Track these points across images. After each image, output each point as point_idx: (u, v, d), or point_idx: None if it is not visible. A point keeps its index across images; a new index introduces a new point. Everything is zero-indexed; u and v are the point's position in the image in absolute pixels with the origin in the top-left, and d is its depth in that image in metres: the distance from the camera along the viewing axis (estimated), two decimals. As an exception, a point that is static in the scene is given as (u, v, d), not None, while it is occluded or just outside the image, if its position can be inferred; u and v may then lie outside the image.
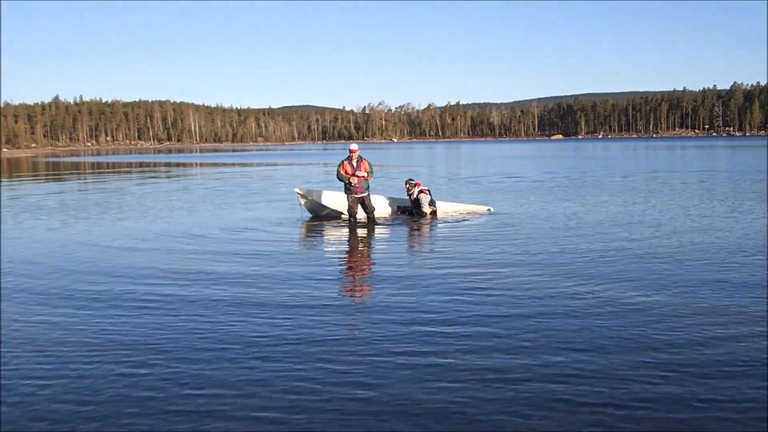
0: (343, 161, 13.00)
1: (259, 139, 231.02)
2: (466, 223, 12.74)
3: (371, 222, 12.79)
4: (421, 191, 13.96)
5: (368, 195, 13.07)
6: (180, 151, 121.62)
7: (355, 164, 12.88)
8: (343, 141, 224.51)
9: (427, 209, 13.77)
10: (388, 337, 5.67)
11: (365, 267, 8.86)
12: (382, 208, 14.49)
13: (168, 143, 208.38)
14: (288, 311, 6.52)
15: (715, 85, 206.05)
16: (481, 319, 6.13)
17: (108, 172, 40.02)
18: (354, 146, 13.19)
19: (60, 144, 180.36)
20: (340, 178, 12.91)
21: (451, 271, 8.21)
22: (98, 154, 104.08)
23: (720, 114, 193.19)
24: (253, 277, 8.10)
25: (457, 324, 5.99)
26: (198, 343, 5.59)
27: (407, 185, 14.11)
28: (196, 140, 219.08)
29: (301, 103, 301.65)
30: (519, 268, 8.34)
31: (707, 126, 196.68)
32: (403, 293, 7.12)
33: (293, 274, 8.27)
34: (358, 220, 13.08)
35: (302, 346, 5.45)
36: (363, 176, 12.83)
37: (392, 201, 14.82)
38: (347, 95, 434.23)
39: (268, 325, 6.07)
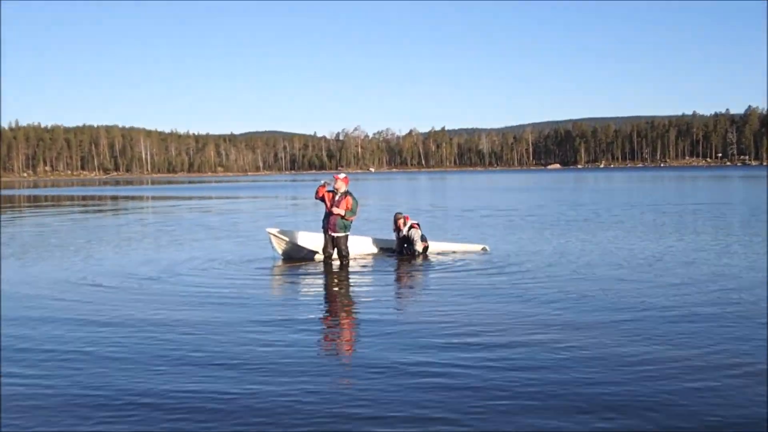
0: (328, 191, 13.15)
1: (219, 169, 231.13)
2: (459, 264, 12.85)
3: (343, 268, 12.58)
4: (411, 226, 14.14)
5: (344, 237, 13.06)
6: (129, 182, 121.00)
7: (337, 197, 12.94)
8: (314, 171, 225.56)
9: (419, 246, 13.96)
10: (373, 400, 5.61)
11: (345, 318, 8.74)
12: (366, 249, 14.61)
13: (115, 174, 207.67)
14: (258, 373, 6.34)
15: (728, 109, 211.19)
16: (476, 380, 6.11)
17: (46, 206, 39.62)
18: (341, 175, 13.29)
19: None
20: (316, 192, 13.26)
21: (444, 322, 8.17)
22: (35, 186, 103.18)
23: (734, 141, 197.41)
24: (214, 325, 8.06)
25: (454, 389, 5.91)
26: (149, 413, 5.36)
27: (397, 220, 14.21)
28: (148, 170, 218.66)
29: (267, 129, 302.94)
30: (521, 319, 8.31)
31: (720, 154, 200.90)
32: (389, 348, 7.02)
33: (265, 324, 8.18)
34: (333, 260, 13.13)
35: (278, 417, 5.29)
36: (339, 214, 12.85)
37: (377, 242, 14.94)
38: (318, 120, 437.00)
39: (234, 383, 6.00)
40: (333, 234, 12.94)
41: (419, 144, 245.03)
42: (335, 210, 12.78)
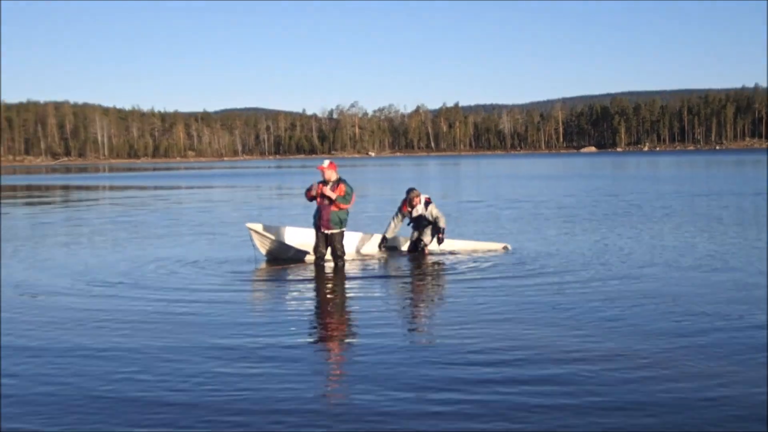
0: (317, 181, 13.12)
1: (190, 153, 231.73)
2: (478, 267, 12.89)
3: (338, 272, 12.63)
4: (427, 201, 14.34)
5: (340, 234, 13.05)
6: (83, 169, 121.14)
7: (329, 187, 12.92)
8: (303, 155, 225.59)
9: (443, 221, 14.30)
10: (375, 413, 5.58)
11: (339, 341, 8.43)
12: (366, 248, 14.72)
13: (66, 159, 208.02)
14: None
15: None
16: (493, 402, 6.06)
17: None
18: (325, 163, 13.15)
19: None
20: (306, 191, 13.26)
21: (464, 343, 8.07)
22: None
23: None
24: (169, 352, 7.96)
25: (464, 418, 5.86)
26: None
27: (415, 197, 14.20)
28: (104, 155, 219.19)
29: (247, 106, 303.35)
30: (550, 327, 8.36)
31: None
32: (399, 386, 6.59)
33: (234, 353, 7.96)
34: (326, 261, 13.14)
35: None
36: (331, 196, 12.80)
37: (379, 240, 15.03)
38: (308, 95, 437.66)
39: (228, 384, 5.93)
40: (327, 231, 12.89)
41: (428, 123, 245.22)
42: (327, 191, 12.74)
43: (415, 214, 14.30)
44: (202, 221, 22.70)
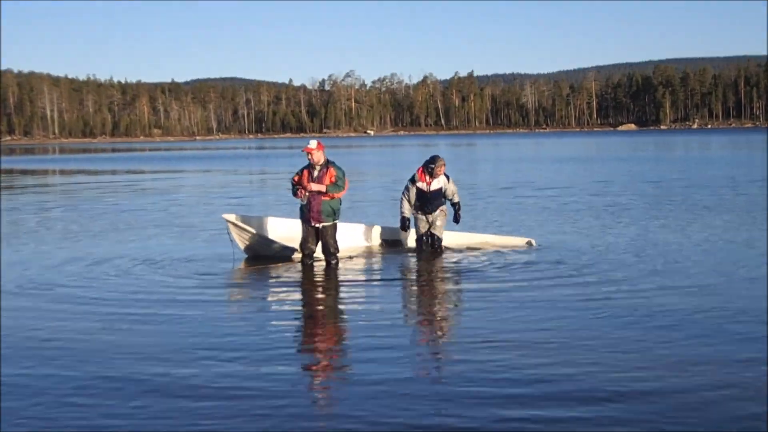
0: (303, 167, 13.01)
1: (156, 131, 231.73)
2: (498, 266, 12.87)
3: (330, 273, 12.70)
4: (447, 177, 14.32)
5: (333, 226, 13.02)
6: (29, 150, 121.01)
7: (316, 173, 12.85)
8: (289, 134, 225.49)
9: (457, 197, 14.37)
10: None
11: (331, 362, 8.20)
12: (364, 243, 14.78)
13: (9, 139, 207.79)
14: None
15: None
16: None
17: None
18: (312, 144, 13.02)
19: None
20: (292, 191, 13.04)
21: (475, 360, 7.97)
22: None
23: None
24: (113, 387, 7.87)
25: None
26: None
27: (438, 168, 14.08)
28: (54, 133, 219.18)
29: (223, 75, 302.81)
30: (589, 352, 8.01)
31: None
32: (404, 411, 6.49)
33: (212, 372, 8.00)
34: (316, 260, 13.10)
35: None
36: (320, 190, 12.76)
37: (380, 232, 15.12)
38: (296, 62, 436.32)
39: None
40: (317, 224, 12.84)
41: (437, 96, 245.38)
42: (314, 186, 12.68)
43: (433, 187, 14.14)
44: (169, 212, 22.68)
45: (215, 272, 12.83)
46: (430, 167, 14.09)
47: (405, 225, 14.39)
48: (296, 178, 12.98)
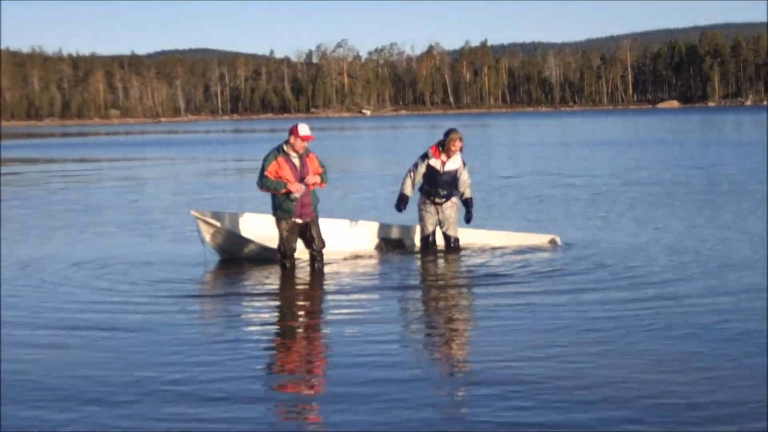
0: (275, 156, 12.65)
1: (113, 112, 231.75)
2: (518, 269, 12.85)
3: (315, 262, 12.97)
4: (463, 162, 14.18)
5: (316, 218, 13.03)
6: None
7: (297, 162, 12.72)
8: (270, 114, 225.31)
9: (468, 190, 14.16)
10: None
11: (317, 382, 8.08)
12: (357, 243, 14.64)
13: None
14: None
15: None
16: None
17: None
18: (305, 129, 12.68)
19: None
20: (266, 185, 12.66)
21: (482, 368, 7.96)
22: None
23: None
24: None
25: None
26: None
27: (453, 142, 13.88)
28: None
29: (193, 46, 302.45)
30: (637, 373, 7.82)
31: None
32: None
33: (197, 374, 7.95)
34: (297, 263, 13.01)
35: None
36: (315, 183, 12.74)
37: (375, 231, 14.96)
38: (278, 31, 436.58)
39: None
40: (306, 219, 12.80)
41: (445, 69, 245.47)
42: (309, 180, 12.60)
43: (448, 167, 13.97)
44: (128, 207, 22.66)
45: (178, 278, 12.67)
46: (443, 142, 13.92)
47: (401, 203, 14.22)
48: (276, 172, 12.67)
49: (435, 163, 13.90)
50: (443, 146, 13.91)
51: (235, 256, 13.76)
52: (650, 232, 15.94)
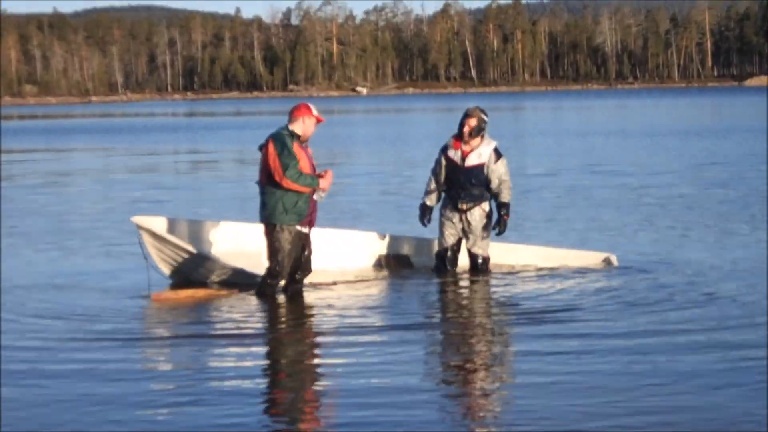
0: (291, 140, 12.52)
1: (29, 89, 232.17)
2: (568, 298, 12.81)
3: (297, 297, 12.86)
4: (497, 153, 13.74)
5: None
6: None
7: (311, 153, 12.85)
8: (237, 93, 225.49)
9: (506, 195, 13.71)
10: None
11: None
12: (354, 262, 14.67)
13: None
14: None
15: None
16: None
17: None
18: (315, 111, 12.75)
19: None
20: (302, 182, 12.42)
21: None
22: None
23: None
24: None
25: None
26: None
27: (467, 122, 13.61)
28: None
29: (133, 3, 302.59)
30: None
31: None
32: None
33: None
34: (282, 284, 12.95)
35: None
36: (324, 188, 12.70)
37: (393, 242, 14.95)
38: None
39: None
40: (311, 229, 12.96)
41: (465, 34, 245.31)
42: (331, 174, 12.70)
43: (471, 161, 13.66)
44: (46, 212, 22.74)
45: (107, 311, 12.41)
46: (463, 123, 13.68)
47: (423, 215, 14.06)
48: (305, 166, 12.54)
49: (454, 155, 13.68)
50: (462, 130, 13.69)
51: (190, 278, 13.70)
52: (731, 248, 16.00)
